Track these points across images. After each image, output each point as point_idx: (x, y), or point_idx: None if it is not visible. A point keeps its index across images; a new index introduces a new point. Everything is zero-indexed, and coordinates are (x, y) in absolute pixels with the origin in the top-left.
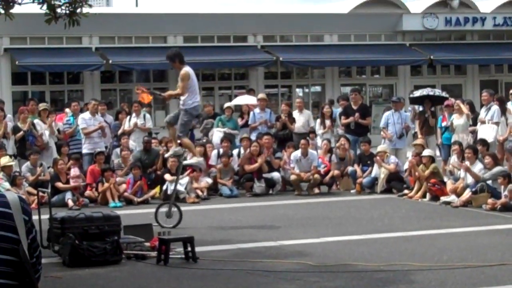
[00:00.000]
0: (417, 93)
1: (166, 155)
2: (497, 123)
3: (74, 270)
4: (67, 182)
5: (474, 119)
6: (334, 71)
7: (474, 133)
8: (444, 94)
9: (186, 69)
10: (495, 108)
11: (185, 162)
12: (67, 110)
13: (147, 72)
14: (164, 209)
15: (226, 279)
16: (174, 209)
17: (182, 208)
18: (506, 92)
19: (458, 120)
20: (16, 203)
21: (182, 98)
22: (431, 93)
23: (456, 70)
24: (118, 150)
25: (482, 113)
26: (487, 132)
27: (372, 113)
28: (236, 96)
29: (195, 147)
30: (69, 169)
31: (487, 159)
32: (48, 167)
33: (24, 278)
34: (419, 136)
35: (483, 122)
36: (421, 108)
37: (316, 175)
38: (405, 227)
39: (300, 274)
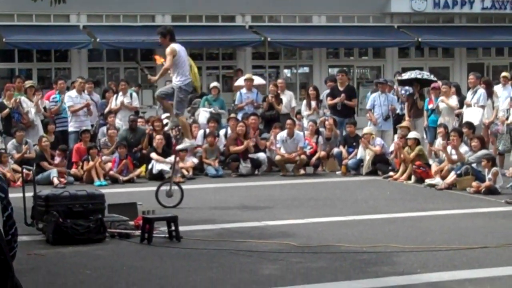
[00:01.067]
0: (406, 76)
1: (166, 128)
2: (483, 107)
3: (57, 248)
4: (52, 159)
5: (461, 102)
6: (322, 52)
7: (460, 115)
8: (432, 77)
9: (172, 45)
10: (481, 91)
11: (178, 147)
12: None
13: (134, 51)
14: (165, 188)
15: (210, 258)
16: (175, 187)
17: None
18: (493, 76)
19: (442, 103)
20: None
21: (174, 75)
22: (419, 76)
23: (443, 53)
24: (104, 128)
25: (469, 96)
26: (473, 115)
27: (360, 95)
28: (224, 76)
29: None
30: (52, 148)
31: (475, 142)
32: (34, 145)
33: None
34: (407, 118)
35: (469, 105)
36: (406, 90)
37: (302, 156)
38: (390, 209)
39: (283, 254)
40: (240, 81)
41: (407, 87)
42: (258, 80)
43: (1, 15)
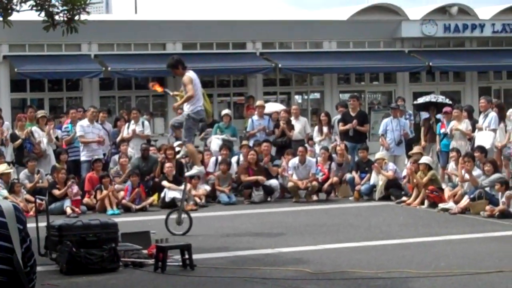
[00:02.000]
0: (421, 100)
1: (178, 156)
2: (494, 130)
3: (71, 277)
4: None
5: (473, 126)
6: (333, 78)
7: (472, 140)
8: (447, 100)
9: (188, 73)
10: (492, 114)
11: (186, 174)
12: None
13: (146, 80)
14: (174, 216)
15: (224, 286)
16: (184, 216)
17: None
18: (505, 99)
19: (457, 127)
20: (11, 212)
21: (185, 104)
22: (434, 100)
23: (455, 77)
24: (116, 157)
25: (480, 120)
26: (485, 139)
27: (371, 120)
28: (235, 103)
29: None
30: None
31: (487, 166)
32: (46, 175)
33: (17, 287)
34: (423, 143)
35: (480, 129)
36: (410, 115)
37: (314, 182)
38: (403, 234)
39: (297, 281)
40: (270, 107)
41: (410, 112)
42: (275, 107)
43: (13, 45)
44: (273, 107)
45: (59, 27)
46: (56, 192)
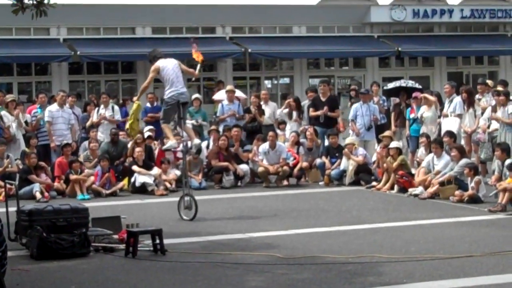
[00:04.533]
0: (391, 85)
1: (163, 148)
2: (459, 115)
3: (42, 262)
4: (36, 174)
5: (441, 111)
6: (303, 62)
7: (438, 125)
8: (416, 85)
9: (157, 62)
10: (457, 100)
11: (163, 148)
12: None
13: (115, 64)
14: (184, 201)
15: (195, 271)
16: (189, 199)
17: (150, 201)
18: (474, 84)
19: (427, 112)
20: None
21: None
22: (404, 85)
23: (424, 62)
24: (86, 143)
25: (446, 106)
26: (450, 124)
27: (341, 105)
28: (205, 88)
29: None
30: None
31: (454, 152)
32: (16, 159)
33: None
34: (393, 128)
35: (445, 115)
36: (384, 100)
37: (285, 167)
38: (373, 219)
39: (268, 266)
40: (219, 95)
41: (384, 97)
42: (239, 93)
43: None
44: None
45: (28, 11)
46: (33, 177)
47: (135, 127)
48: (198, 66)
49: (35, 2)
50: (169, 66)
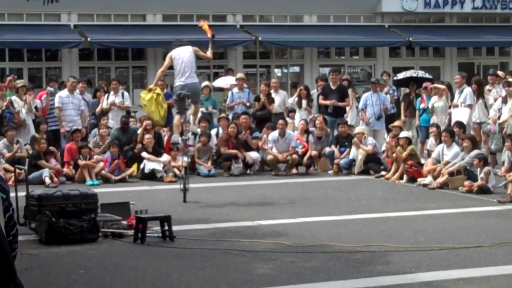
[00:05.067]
0: (401, 75)
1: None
2: (469, 106)
3: (50, 247)
4: (46, 160)
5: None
6: (313, 51)
7: (448, 115)
8: (427, 75)
9: (171, 52)
10: (467, 90)
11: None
12: (49, 88)
13: (125, 50)
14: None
15: (203, 258)
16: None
17: (158, 187)
18: (484, 75)
19: (437, 102)
20: None
21: None
22: (414, 75)
23: (434, 52)
24: (96, 129)
25: (456, 96)
26: (461, 115)
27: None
28: (216, 75)
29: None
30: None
31: (466, 142)
32: (25, 144)
33: (0, 256)
34: (403, 118)
35: (455, 106)
36: (394, 90)
37: (294, 156)
38: (382, 209)
39: (276, 254)
40: (220, 82)
41: (394, 87)
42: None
43: None
44: (226, 80)
45: None
46: (43, 162)
47: (162, 114)
48: (210, 45)
49: None
50: (182, 54)
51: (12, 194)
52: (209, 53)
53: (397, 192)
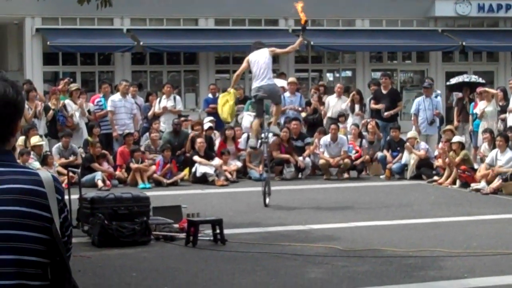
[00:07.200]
0: (454, 80)
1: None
2: None
3: (103, 250)
4: (99, 163)
5: (507, 107)
6: (365, 56)
7: (504, 120)
8: (480, 80)
9: (248, 56)
10: None
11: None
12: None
13: (178, 55)
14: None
15: (254, 261)
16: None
17: (210, 191)
18: None
19: (487, 107)
20: (50, 182)
21: None
22: (467, 80)
23: (488, 57)
24: (147, 133)
25: (511, 101)
26: None
27: (403, 99)
28: None
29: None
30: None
31: None
32: (78, 147)
33: (55, 257)
34: (456, 123)
35: (510, 111)
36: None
37: (346, 160)
38: (435, 214)
39: (328, 258)
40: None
41: (439, 91)
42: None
43: (46, 18)
44: (278, 83)
45: (93, 1)
46: (96, 165)
47: (231, 112)
48: (301, 33)
49: None
50: (258, 58)
51: (65, 197)
52: (297, 43)
53: (450, 197)
